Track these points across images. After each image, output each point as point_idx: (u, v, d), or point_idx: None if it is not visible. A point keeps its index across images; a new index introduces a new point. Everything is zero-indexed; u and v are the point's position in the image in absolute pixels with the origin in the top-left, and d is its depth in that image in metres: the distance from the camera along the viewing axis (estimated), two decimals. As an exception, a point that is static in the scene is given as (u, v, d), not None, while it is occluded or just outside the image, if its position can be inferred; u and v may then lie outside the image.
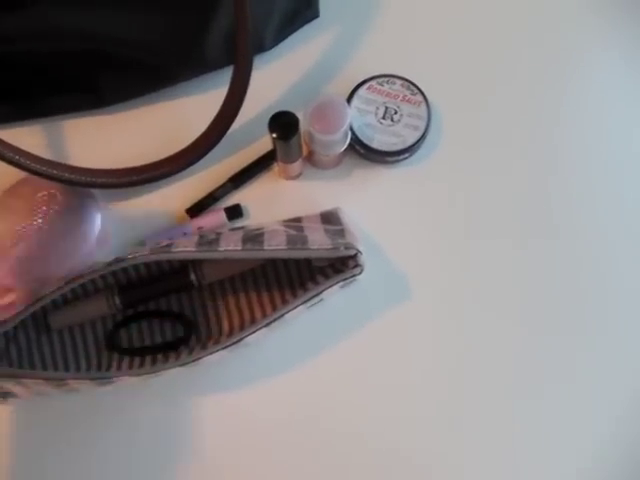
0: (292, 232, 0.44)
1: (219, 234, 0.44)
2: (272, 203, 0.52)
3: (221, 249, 0.41)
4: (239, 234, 0.43)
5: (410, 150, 0.52)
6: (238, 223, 0.52)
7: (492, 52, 0.56)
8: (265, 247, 0.41)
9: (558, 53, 0.56)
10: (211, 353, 0.42)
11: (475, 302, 0.51)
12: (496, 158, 0.53)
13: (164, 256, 0.41)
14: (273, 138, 0.45)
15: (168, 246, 0.42)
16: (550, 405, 0.49)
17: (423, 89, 0.52)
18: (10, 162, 0.46)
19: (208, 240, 0.43)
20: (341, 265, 0.44)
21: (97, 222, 0.51)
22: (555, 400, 0.49)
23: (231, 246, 0.41)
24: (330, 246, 0.42)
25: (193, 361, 0.43)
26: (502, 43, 0.56)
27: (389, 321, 0.50)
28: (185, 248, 0.41)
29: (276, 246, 0.41)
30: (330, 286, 0.43)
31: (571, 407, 0.48)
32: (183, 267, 0.49)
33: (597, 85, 0.55)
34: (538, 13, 0.56)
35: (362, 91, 0.53)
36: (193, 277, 0.48)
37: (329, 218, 0.49)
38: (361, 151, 0.52)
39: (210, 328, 0.49)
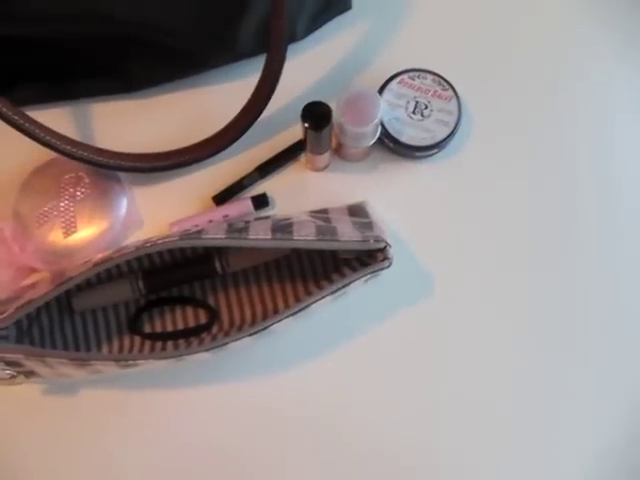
0: (320, 223, 0.43)
1: (247, 222, 0.44)
2: (298, 194, 0.51)
3: (251, 237, 0.40)
4: (268, 223, 0.43)
5: (439, 146, 0.50)
6: (264, 213, 0.51)
7: (525, 49, 0.54)
8: (295, 237, 0.40)
9: (593, 48, 0.54)
10: (235, 340, 0.42)
11: (503, 305, 0.49)
12: (527, 156, 0.52)
13: (194, 242, 0.40)
14: (305, 128, 0.44)
15: (198, 232, 0.41)
16: (567, 411, 0.48)
17: (454, 85, 0.51)
18: (39, 141, 0.45)
19: (237, 228, 0.42)
20: (368, 258, 0.43)
21: (124, 206, 0.50)
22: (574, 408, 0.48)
23: (261, 235, 0.40)
24: (360, 238, 0.41)
25: (217, 347, 0.42)
26: (535, 40, 0.55)
27: (411, 319, 0.48)
28: (215, 235, 0.40)
29: (305, 236, 0.40)
30: (358, 278, 0.42)
31: (584, 411, 0.48)
32: (208, 255, 0.48)
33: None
34: (572, 8, 0.55)
35: (393, 85, 0.51)
36: (218, 265, 0.47)
37: (356, 211, 0.48)
38: (390, 145, 0.51)
39: (232, 317, 0.48)
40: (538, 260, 0.50)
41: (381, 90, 0.51)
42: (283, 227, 0.42)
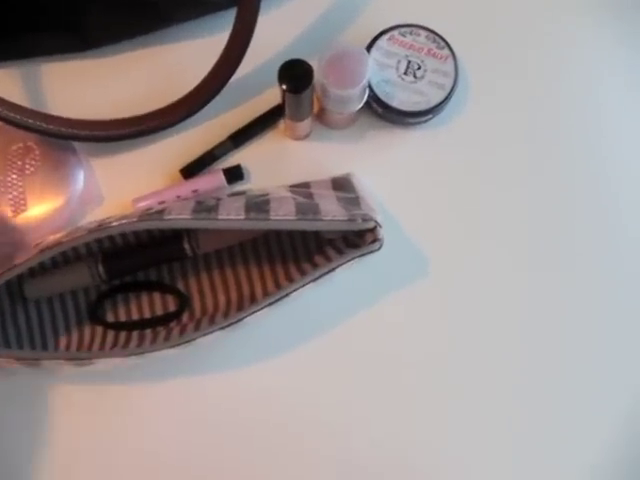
0: (301, 199, 0.38)
1: (219, 200, 0.38)
2: (277, 165, 0.46)
3: (221, 218, 0.35)
4: (241, 200, 0.37)
5: (434, 111, 0.45)
6: (238, 187, 0.46)
7: (529, 5, 0.49)
8: (271, 217, 0.35)
9: (599, 14, 0.49)
10: (205, 334, 0.37)
11: (503, 288, 0.45)
12: (529, 122, 0.47)
13: (155, 224, 0.35)
14: (282, 90, 0.38)
15: (160, 212, 0.36)
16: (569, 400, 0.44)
17: (451, 43, 0.46)
18: (-23, 108, 0.39)
19: (206, 206, 0.37)
20: (356, 238, 0.38)
21: (80, 180, 0.45)
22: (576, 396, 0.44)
23: (232, 214, 0.35)
24: (345, 217, 0.36)
25: (184, 343, 0.37)
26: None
27: (402, 304, 0.44)
28: (179, 215, 0.35)
29: (284, 216, 0.36)
30: (343, 263, 0.37)
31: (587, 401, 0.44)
32: (176, 235, 0.42)
33: None
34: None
35: (382, 42, 0.46)
36: (187, 246, 0.42)
37: (341, 184, 0.43)
38: (379, 110, 0.46)
39: (205, 304, 0.43)
40: (541, 238, 0.46)
41: (369, 48, 0.46)
42: (259, 205, 0.37)
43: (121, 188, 0.46)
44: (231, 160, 0.46)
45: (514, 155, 0.47)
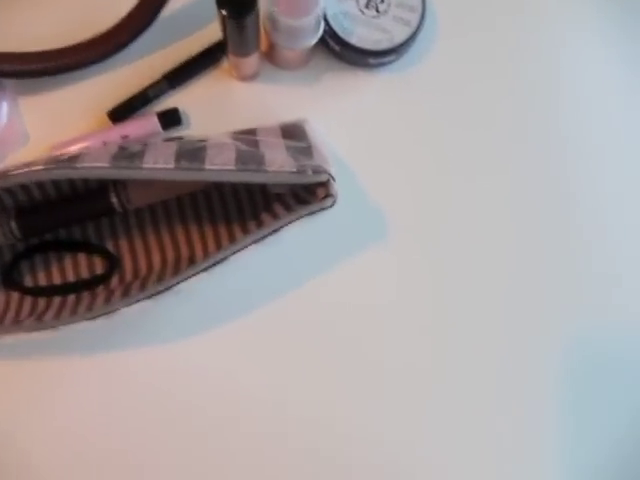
0: (244, 147, 0.33)
1: (145, 145, 0.33)
2: (220, 109, 0.41)
3: (146, 167, 0.29)
4: (173, 147, 0.32)
5: (398, 50, 0.40)
6: (175, 133, 0.40)
7: None
8: (206, 166, 0.30)
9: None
10: (131, 303, 0.32)
11: (462, 247, 0.41)
12: (501, 65, 0.43)
13: (63, 173, 0.29)
14: (222, 17, 0.32)
15: (72, 159, 0.30)
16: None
17: (418, -28, 0.41)
18: None
19: (129, 153, 0.31)
20: (306, 193, 0.34)
21: (3, 114, 0.39)
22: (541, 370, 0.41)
23: (160, 162, 0.30)
24: (294, 168, 0.31)
25: (108, 313, 0.32)
26: None
27: (357, 264, 0.40)
28: (94, 163, 0.29)
29: (222, 165, 0.30)
30: (291, 221, 0.33)
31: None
32: (102, 187, 0.37)
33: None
34: None
35: (341, -31, 0.40)
36: (115, 200, 0.37)
37: (292, 132, 0.38)
38: (336, 48, 0.40)
39: (137, 264, 0.38)
40: (510, 193, 0.42)
41: (325, -25, 0.40)
42: (193, 152, 0.31)
43: (41, 131, 0.40)
44: (168, 103, 0.41)
45: (485, 102, 0.43)
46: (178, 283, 0.33)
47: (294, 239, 0.39)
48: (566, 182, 0.42)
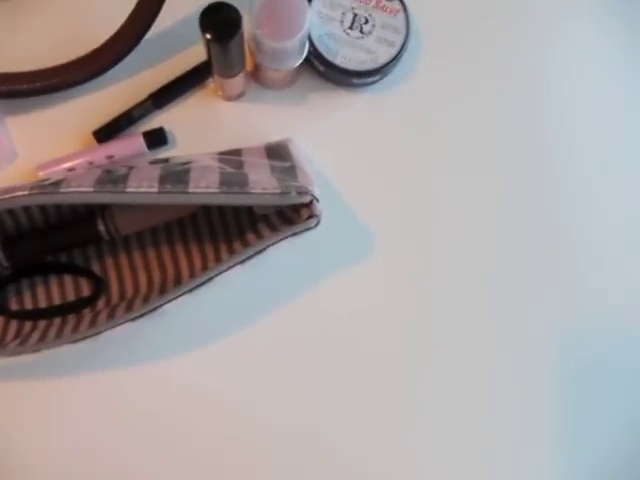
0: (228, 169, 0.33)
1: (131, 168, 0.33)
2: (206, 128, 0.41)
3: (129, 190, 0.29)
4: (157, 170, 0.32)
5: (382, 71, 0.40)
6: (161, 153, 0.40)
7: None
8: (190, 189, 0.30)
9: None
10: (115, 326, 0.32)
11: (449, 262, 0.41)
12: (485, 86, 0.43)
13: (46, 198, 0.29)
14: (206, 40, 0.33)
15: (56, 184, 0.30)
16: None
17: (402, -6, 0.41)
18: None
19: (114, 177, 0.31)
20: (292, 213, 0.34)
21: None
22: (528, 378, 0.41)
23: (144, 186, 0.30)
24: (277, 189, 0.31)
25: (92, 336, 0.32)
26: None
27: (344, 282, 0.40)
28: (79, 188, 0.29)
29: (205, 188, 0.30)
30: (276, 242, 0.33)
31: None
32: (90, 214, 0.37)
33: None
34: None
35: (325, -9, 0.41)
36: (102, 228, 0.36)
37: (276, 152, 0.38)
38: (321, 68, 0.40)
39: (123, 286, 0.38)
40: (494, 210, 0.42)
41: (310, -3, 0.40)
42: (177, 175, 0.31)
43: (26, 151, 0.40)
44: (154, 122, 0.41)
45: (469, 120, 0.43)
46: (164, 304, 0.33)
47: (281, 256, 0.39)
48: (552, 195, 0.43)
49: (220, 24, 0.32)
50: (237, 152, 0.37)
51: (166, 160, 0.37)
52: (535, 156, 0.43)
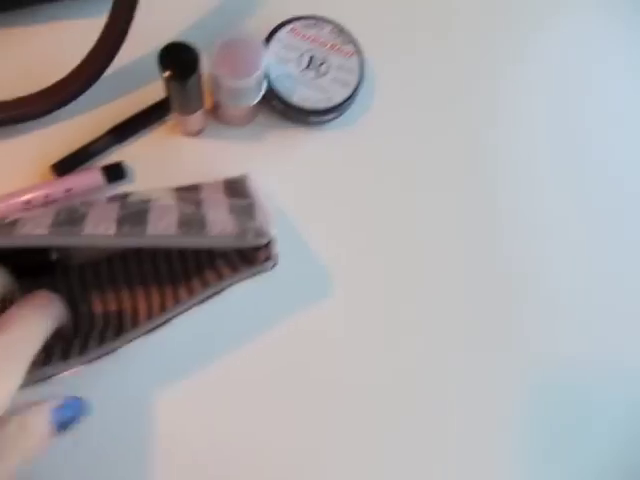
0: (187, 210, 0.33)
1: (90, 206, 0.33)
2: (165, 163, 0.41)
3: (86, 233, 0.29)
4: (115, 209, 0.32)
5: (338, 110, 0.42)
6: (120, 187, 0.40)
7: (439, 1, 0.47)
8: (148, 232, 0.30)
9: (507, 13, 0.48)
10: (64, 370, 0.31)
11: (410, 298, 0.42)
12: (436, 124, 0.45)
13: (2, 241, 0.29)
14: (165, 78, 0.33)
15: (12, 224, 0.29)
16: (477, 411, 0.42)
17: (357, 38, 0.43)
18: None
19: (71, 218, 0.31)
20: (251, 252, 0.34)
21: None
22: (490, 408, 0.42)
23: (101, 229, 0.30)
24: (235, 230, 0.32)
25: (39, 380, 0.31)
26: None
27: (304, 321, 0.40)
28: (33, 230, 0.29)
29: (163, 231, 0.30)
30: (234, 283, 0.33)
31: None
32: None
33: (541, 47, 0.48)
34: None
35: (283, 34, 0.42)
36: (55, 256, 0.36)
37: (235, 188, 0.38)
38: (278, 107, 0.42)
39: (79, 323, 0.37)
40: (453, 245, 0.43)
41: (268, 39, 0.42)
42: (135, 215, 0.31)
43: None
44: (113, 156, 0.41)
45: (422, 158, 0.44)
46: (119, 347, 0.32)
47: (240, 294, 0.38)
48: (512, 233, 0.44)
49: (178, 63, 0.33)
50: (196, 188, 0.38)
51: (125, 196, 0.37)
52: (493, 194, 0.44)
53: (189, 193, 0.37)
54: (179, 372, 0.38)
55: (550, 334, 0.43)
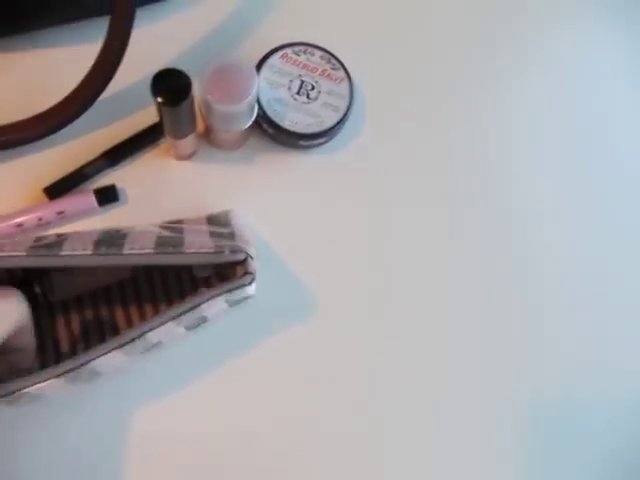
0: (166, 233, 0.34)
1: (62, 236, 0.33)
2: (157, 186, 0.41)
3: (64, 253, 0.29)
4: (94, 234, 0.32)
5: (328, 134, 0.42)
6: (113, 210, 0.40)
7: (427, 27, 0.48)
8: (125, 251, 0.30)
9: (495, 34, 0.49)
10: (36, 383, 0.30)
11: (395, 325, 0.42)
12: (425, 149, 0.45)
13: None
14: (158, 104, 0.34)
15: None
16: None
17: (346, 64, 0.43)
18: None
19: (50, 242, 0.31)
20: (228, 270, 0.34)
21: None
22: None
23: (79, 249, 0.30)
24: (212, 249, 0.32)
25: (13, 392, 0.31)
26: (437, 18, 0.48)
27: (288, 345, 0.40)
28: (11, 252, 0.29)
29: (140, 249, 0.30)
30: (211, 297, 0.32)
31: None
32: (27, 275, 0.36)
33: (525, 69, 0.49)
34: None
35: (274, 60, 0.43)
36: (38, 290, 0.36)
37: (217, 219, 0.38)
38: (269, 131, 0.42)
39: (59, 353, 0.37)
40: (439, 270, 0.43)
41: (260, 65, 0.42)
42: (113, 238, 0.31)
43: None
44: (107, 180, 0.41)
45: (412, 182, 0.44)
46: (90, 361, 0.31)
47: (226, 322, 0.39)
48: (502, 256, 0.44)
49: (171, 89, 0.33)
50: (179, 221, 0.38)
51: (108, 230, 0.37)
52: (483, 217, 0.44)
53: (172, 224, 0.37)
54: (164, 397, 0.38)
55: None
